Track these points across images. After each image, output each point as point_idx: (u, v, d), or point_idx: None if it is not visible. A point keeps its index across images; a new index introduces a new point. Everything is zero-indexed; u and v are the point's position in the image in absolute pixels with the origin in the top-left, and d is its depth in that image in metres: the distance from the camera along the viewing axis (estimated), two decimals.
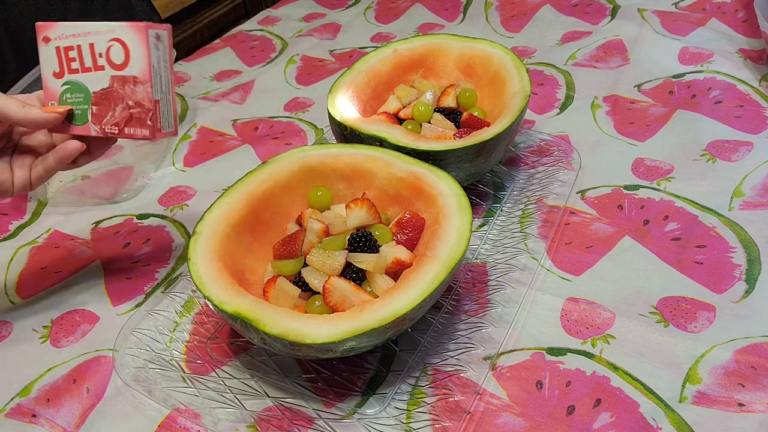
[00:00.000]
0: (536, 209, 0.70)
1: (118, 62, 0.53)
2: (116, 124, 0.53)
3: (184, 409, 0.53)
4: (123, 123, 0.53)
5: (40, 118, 0.52)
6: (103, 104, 0.54)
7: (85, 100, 0.54)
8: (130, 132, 0.53)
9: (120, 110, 0.53)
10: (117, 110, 0.53)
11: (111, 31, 0.52)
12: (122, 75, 0.53)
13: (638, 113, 0.84)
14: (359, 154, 0.63)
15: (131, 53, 0.52)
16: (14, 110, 0.51)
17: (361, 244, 0.56)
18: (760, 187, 0.70)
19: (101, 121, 0.54)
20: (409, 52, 0.80)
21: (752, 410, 0.50)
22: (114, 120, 0.53)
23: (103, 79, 0.53)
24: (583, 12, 1.09)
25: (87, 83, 0.54)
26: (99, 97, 0.54)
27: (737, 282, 0.60)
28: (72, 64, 0.54)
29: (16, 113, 0.51)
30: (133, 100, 0.53)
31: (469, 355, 0.56)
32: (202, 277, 0.52)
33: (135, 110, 0.53)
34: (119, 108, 0.53)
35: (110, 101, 0.53)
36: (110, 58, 0.53)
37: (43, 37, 0.54)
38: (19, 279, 0.69)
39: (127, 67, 0.53)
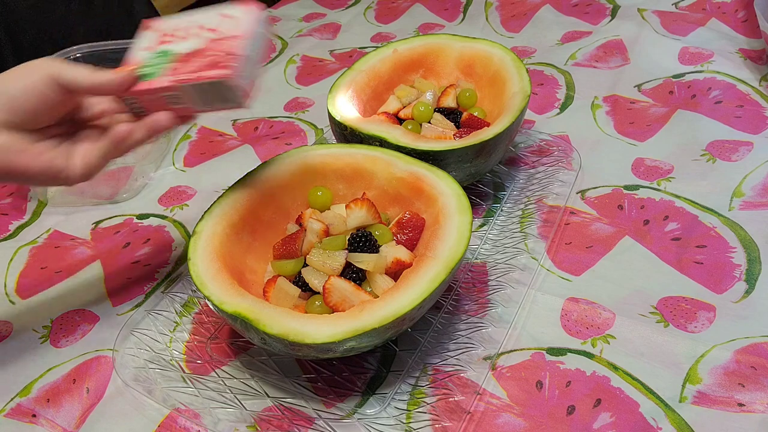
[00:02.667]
0: (536, 209, 0.70)
1: (223, 31, 0.52)
2: (194, 71, 0.50)
3: (184, 409, 0.53)
4: (202, 69, 0.49)
5: (112, 79, 0.49)
6: (189, 61, 0.50)
7: (168, 60, 0.51)
8: (207, 75, 0.49)
9: (205, 61, 0.50)
10: (200, 62, 0.50)
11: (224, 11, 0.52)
12: (223, 36, 0.51)
13: (638, 113, 0.84)
14: (359, 154, 0.63)
15: (240, 22, 0.51)
16: (83, 75, 0.48)
17: (361, 244, 0.56)
18: (760, 187, 0.70)
19: (178, 73, 0.50)
20: (409, 52, 0.80)
21: (752, 410, 0.50)
22: (193, 68, 0.50)
23: (200, 42, 0.51)
24: (583, 12, 1.09)
25: (177, 48, 0.51)
26: (186, 55, 0.51)
27: (737, 282, 0.60)
28: (168, 38, 0.52)
29: (86, 78, 0.48)
30: (223, 51, 0.50)
31: (469, 355, 0.56)
32: (202, 277, 0.52)
33: (222, 58, 0.50)
34: (206, 60, 0.50)
35: (198, 57, 0.50)
36: (216, 28, 0.52)
37: (146, 26, 0.54)
38: (19, 279, 0.69)
39: (232, 31, 0.51)
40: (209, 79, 0.49)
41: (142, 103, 0.52)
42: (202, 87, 0.50)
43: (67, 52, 0.87)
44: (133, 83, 0.50)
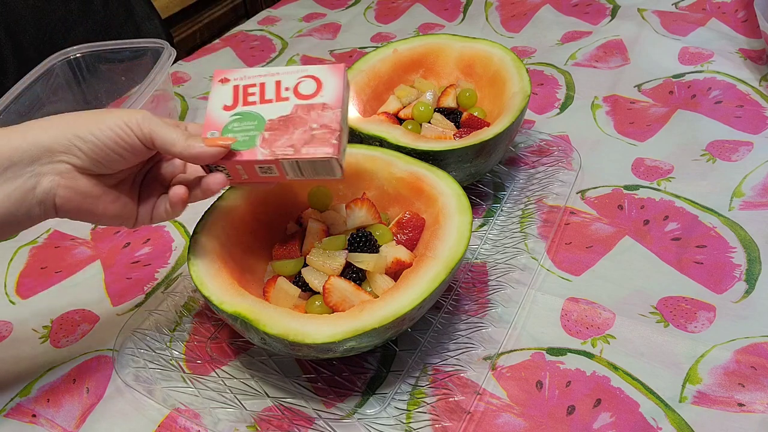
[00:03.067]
0: (536, 209, 0.70)
1: (306, 93, 0.49)
2: (292, 145, 0.47)
3: (184, 409, 0.53)
4: (301, 144, 0.47)
5: (204, 153, 0.47)
6: (280, 129, 0.48)
7: (257, 128, 0.48)
8: (308, 152, 0.47)
9: (300, 133, 0.47)
10: (296, 133, 0.47)
11: (303, 70, 0.49)
12: (309, 103, 0.48)
13: (638, 113, 0.84)
14: (359, 154, 0.63)
15: (324, 85, 0.49)
16: (178, 142, 0.47)
17: (361, 244, 0.56)
18: (760, 187, 0.70)
19: (273, 145, 0.47)
20: (409, 52, 0.80)
21: (752, 410, 0.50)
22: (290, 142, 0.47)
23: (285, 108, 0.48)
24: (583, 12, 1.09)
25: (262, 112, 0.49)
26: (276, 123, 0.48)
27: (737, 282, 0.60)
28: (249, 97, 0.49)
29: (179, 145, 0.47)
30: (318, 123, 0.47)
31: (469, 355, 0.56)
32: (202, 277, 0.52)
33: (318, 132, 0.47)
34: (299, 131, 0.47)
35: (289, 126, 0.48)
36: (298, 90, 0.49)
37: (221, 79, 0.51)
38: (19, 279, 0.69)
39: (317, 96, 0.48)
40: (311, 157, 0.47)
41: (228, 170, 0.50)
42: (300, 163, 0.48)
43: (67, 52, 0.88)
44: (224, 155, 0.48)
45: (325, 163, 0.48)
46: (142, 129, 0.46)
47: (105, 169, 0.47)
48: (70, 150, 0.45)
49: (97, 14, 1.10)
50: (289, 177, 0.50)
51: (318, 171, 0.49)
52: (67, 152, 0.45)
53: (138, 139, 0.47)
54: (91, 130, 0.46)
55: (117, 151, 0.46)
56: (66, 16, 1.05)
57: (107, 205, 0.49)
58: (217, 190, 0.50)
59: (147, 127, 0.47)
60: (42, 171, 0.45)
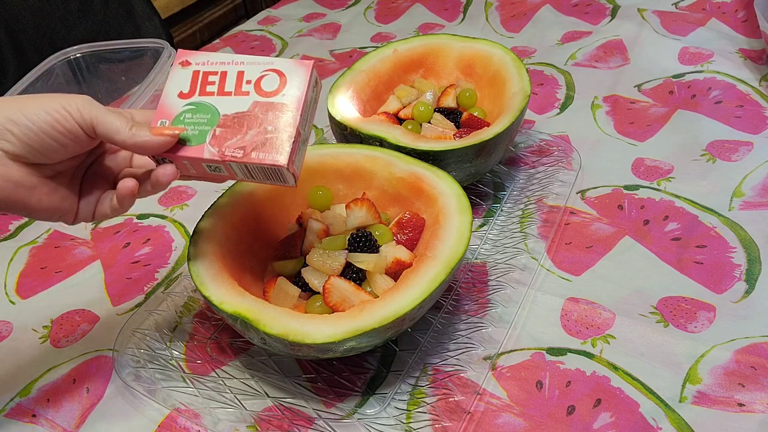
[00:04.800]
0: (536, 209, 0.70)
1: (268, 89, 0.46)
2: (242, 147, 0.45)
3: (184, 409, 0.53)
4: (251, 147, 0.45)
5: (150, 142, 0.45)
6: (233, 127, 0.46)
7: (209, 122, 0.46)
8: (258, 157, 0.45)
9: (253, 134, 0.45)
10: (249, 134, 0.45)
11: (269, 63, 0.47)
12: (269, 101, 0.46)
13: (638, 113, 0.84)
14: (359, 154, 0.63)
15: (288, 83, 0.46)
16: (122, 130, 0.44)
17: (361, 244, 0.56)
18: (760, 187, 0.70)
19: (222, 143, 0.45)
20: (409, 52, 0.80)
21: (752, 410, 0.50)
22: (241, 143, 0.45)
23: (243, 103, 0.46)
24: (583, 12, 1.09)
25: (218, 105, 0.46)
26: (230, 119, 0.46)
27: (737, 282, 0.60)
28: (208, 87, 0.47)
29: (123, 133, 0.44)
30: (274, 125, 0.45)
31: (469, 355, 0.56)
32: (202, 277, 0.52)
33: (272, 135, 0.45)
34: (253, 131, 0.45)
35: (243, 125, 0.45)
36: (260, 85, 0.46)
37: (182, 61, 0.48)
38: (19, 279, 0.69)
39: (278, 94, 0.46)
40: (260, 163, 0.45)
41: (176, 163, 0.47)
42: (249, 167, 0.46)
43: (67, 52, 0.88)
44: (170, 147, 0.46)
45: (275, 170, 0.46)
46: (82, 115, 0.43)
47: (42, 158, 0.44)
48: (2, 135, 0.42)
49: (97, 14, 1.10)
50: (239, 178, 0.48)
51: (269, 177, 0.47)
52: None
53: (78, 125, 0.43)
54: (26, 113, 0.42)
55: (54, 137, 0.43)
56: (66, 16, 1.06)
57: (42, 197, 0.45)
58: (167, 183, 0.47)
59: (88, 113, 0.43)
60: None
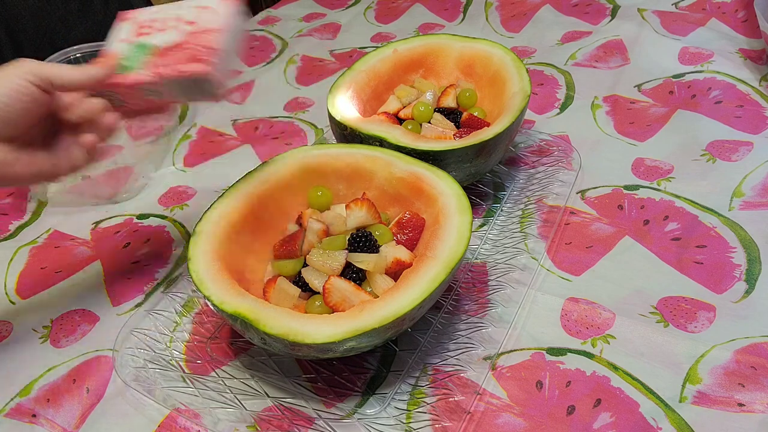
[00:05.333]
0: (536, 209, 0.70)
1: (198, 22, 0.53)
2: (173, 66, 0.50)
3: (184, 409, 0.53)
4: (182, 62, 0.50)
5: (89, 74, 0.50)
6: (167, 55, 0.51)
7: (146, 53, 0.51)
8: (186, 69, 0.50)
9: (183, 56, 0.51)
10: (179, 56, 0.51)
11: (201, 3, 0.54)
12: (198, 30, 0.52)
13: (638, 113, 0.84)
14: (359, 154, 0.63)
15: (217, 14, 0.53)
16: (73, 73, 0.49)
17: (361, 244, 0.56)
18: (760, 187, 0.70)
19: (158, 66, 0.51)
20: (409, 52, 0.80)
21: (752, 410, 0.50)
22: (173, 62, 0.50)
23: (179, 35, 0.52)
24: (583, 12, 1.09)
25: (156, 41, 0.52)
26: (165, 49, 0.51)
27: (737, 282, 0.60)
28: (146, 29, 0.53)
29: (75, 74, 0.49)
30: (200, 45, 0.51)
31: (469, 355, 0.56)
32: (202, 277, 0.52)
33: (199, 52, 0.51)
34: (182, 54, 0.51)
35: (177, 51, 0.51)
36: (193, 20, 0.53)
37: (123, 17, 0.54)
38: (19, 279, 0.69)
39: (206, 23, 0.52)
40: (188, 73, 0.50)
41: (122, 96, 0.53)
42: (180, 81, 0.51)
43: (67, 52, 0.87)
44: (111, 76, 0.51)
45: (204, 81, 0.50)
46: (37, 75, 0.47)
47: (14, 131, 0.48)
48: None
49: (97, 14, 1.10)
50: (177, 99, 0.53)
51: (201, 90, 0.52)
52: None
53: (36, 86, 0.47)
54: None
55: (20, 107, 0.47)
56: (66, 16, 1.05)
57: (24, 168, 0.49)
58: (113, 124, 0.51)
59: (42, 72, 0.48)
60: None
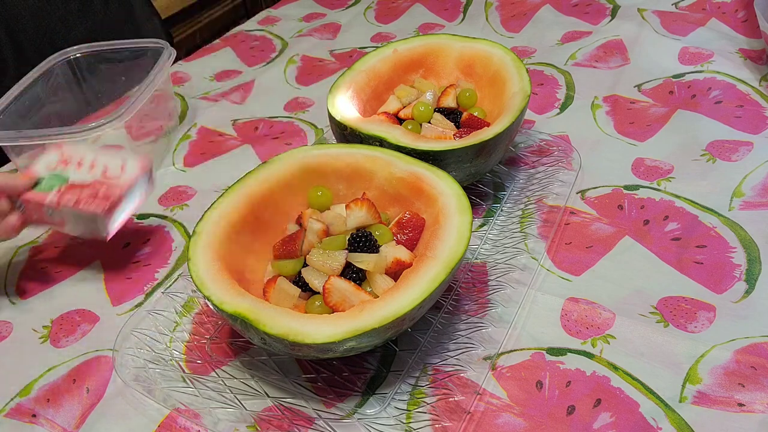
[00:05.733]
0: (536, 209, 0.70)
1: (111, 174, 0.63)
2: (77, 200, 0.61)
3: (184, 409, 0.53)
4: (82, 201, 0.61)
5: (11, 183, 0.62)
6: (74, 190, 0.62)
7: (59, 182, 0.63)
8: (83, 206, 0.60)
9: (87, 194, 0.61)
10: (84, 194, 0.61)
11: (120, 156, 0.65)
12: (108, 181, 0.63)
13: (638, 113, 0.84)
14: (359, 154, 0.63)
15: (126, 169, 0.64)
16: None
17: (361, 244, 0.56)
18: (760, 187, 0.70)
19: (63, 196, 0.61)
20: (409, 52, 0.80)
21: (752, 410, 0.50)
22: (75, 197, 0.61)
23: (88, 177, 0.63)
24: (583, 12, 1.09)
25: (71, 175, 0.63)
26: (75, 185, 0.62)
27: (737, 282, 0.60)
28: (68, 164, 0.64)
29: None
30: (103, 193, 0.62)
31: (469, 355, 0.56)
32: (202, 277, 0.52)
33: (100, 197, 0.61)
34: (87, 193, 0.61)
35: (83, 190, 0.62)
36: (107, 170, 0.64)
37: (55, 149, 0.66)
38: (19, 279, 0.69)
39: (117, 179, 0.63)
40: (83, 209, 0.60)
41: (26, 207, 0.63)
42: (74, 213, 0.61)
43: (67, 52, 0.87)
44: (27, 190, 0.62)
45: (93, 219, 0.61)
46: None
47: None
48: None
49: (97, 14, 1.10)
50: (67, 228, 0.64)
51: (89, 228, 0.63)
52: None
53: None
54: None
55: None
56: (66, 16, 1.05)
57: None
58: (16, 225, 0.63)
59: None
60: None
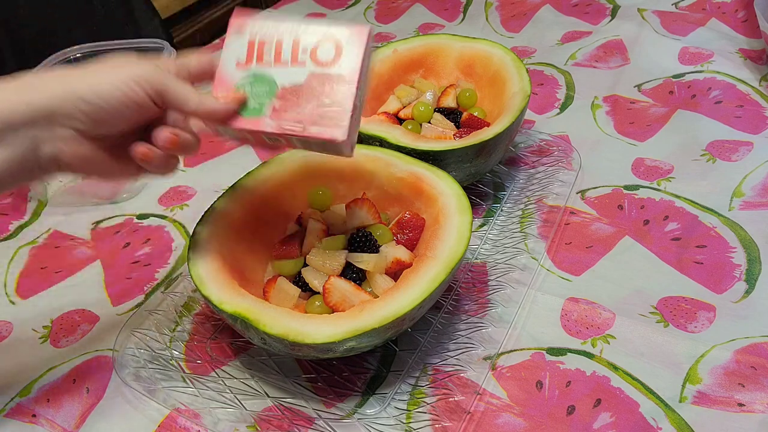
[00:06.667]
0: (536, 209, 0.70)
1: (324, 60, 0.47)
2: (300, 120, 0.46)
3: (184, 409, 0.53)
4: (310, 121, 0.46)
5: (217, 110, 0.46)
6: (291, 100, 0.47)
7: (268, 94, 0.47)
8: (316, 132, 0.46)
9: (311, 107, 0.46)
10: (307, 107, 0.46)
11: (325, 30, 0.47)
12: (325, 72, 0.46)
13: (638, 113, 0.84)
14: (359, 154, 0.63)
15: (344, 53, 0.46)
16: (191, 98, 0.45)
17: (361, 244, 0.56)
18: (760, 187, 0.70)
19: (281, 116, 0.46)
20: (409, 52, 0.80)
21: (752, 410, 0.50)
22: (300, 116, 0.46)
23: (300, 74, 0.47)
24: (583, 12, 1.09)
25: (276, 76, 0.47)
26: (288, 92, 0.47)
27: (737, 282, 0.60)
28: (265, 56, 0.48)
29: (192, 102, 0.45)
30: (331, 98, 0.46)
31: (469, 355, 0.56)
32: (202, 277, 0.52)
33: (330, 109, 0.46)
34: (310, 105, 0.46)
35: (300, 97, 0.46)
36: (316, 55, 0.47)
37: (237, 27, 0.48)
38: (19, 279, 0.69)
39: (335, 65, 0.46)
40: (318, 137, 0.46)
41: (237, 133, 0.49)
42: (308, 140, 0.47)
43: (67, 52, 0.87)
44: (233, 116, 0.47)
45: (333, 144, 0.47)
46: (153, 85, 0.44)
47: (109, 130, 0.45)
48: (74, 115, 0.42)
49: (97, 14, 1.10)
50: (296, 147, 0.50)
51: (327, 149, 0.48)
52: (70, 117, 0.42)
53: (148, 96, 0.44)
54: (97, 91, 0.42)
55: (124, 111, 0.43)
56: (66, 16, 1.05)
57: (112, 166, 0.46)
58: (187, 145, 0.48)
59: (159, 83, 0.44)
60: (42, 137, 0.42)
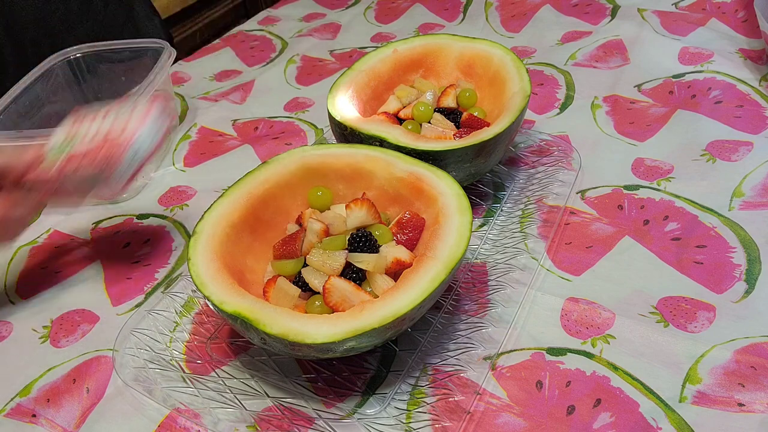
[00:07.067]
0: (536, 209, 0.70)
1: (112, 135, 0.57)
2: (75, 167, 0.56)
3: (184, 409, 0.53)
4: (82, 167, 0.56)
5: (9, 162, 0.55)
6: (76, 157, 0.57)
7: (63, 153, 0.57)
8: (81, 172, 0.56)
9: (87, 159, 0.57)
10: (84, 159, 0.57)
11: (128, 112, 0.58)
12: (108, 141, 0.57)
13: (638, 113, 0.84)
14: (359, 154, 0.63)
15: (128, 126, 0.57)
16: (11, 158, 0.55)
17: (361, 244, 0.56)
18: (760, 187, 0.70)
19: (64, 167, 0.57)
20: (409, 52, 0.80)
21: (752, 410, 0.50)
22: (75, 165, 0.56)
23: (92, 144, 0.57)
24: (583, 12, 1.09)
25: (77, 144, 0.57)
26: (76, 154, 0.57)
27: (737, 282, 0.60)
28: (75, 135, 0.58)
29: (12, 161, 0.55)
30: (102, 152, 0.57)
31: (469, 355, 0.56)
32: (202, 277, 0.52)
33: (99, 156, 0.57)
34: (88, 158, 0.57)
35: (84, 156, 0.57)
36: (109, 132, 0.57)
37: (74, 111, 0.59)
38: (19, 279, 0.69)
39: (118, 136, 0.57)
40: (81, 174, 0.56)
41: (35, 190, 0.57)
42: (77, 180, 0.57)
43: (67, 52, 0.88)
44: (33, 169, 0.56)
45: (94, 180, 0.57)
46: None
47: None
48: None
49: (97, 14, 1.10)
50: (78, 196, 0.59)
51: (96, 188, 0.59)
52: None
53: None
54: None
55: None
56: (66, 16, 1.05)
57: None
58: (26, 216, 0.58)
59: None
60: None
